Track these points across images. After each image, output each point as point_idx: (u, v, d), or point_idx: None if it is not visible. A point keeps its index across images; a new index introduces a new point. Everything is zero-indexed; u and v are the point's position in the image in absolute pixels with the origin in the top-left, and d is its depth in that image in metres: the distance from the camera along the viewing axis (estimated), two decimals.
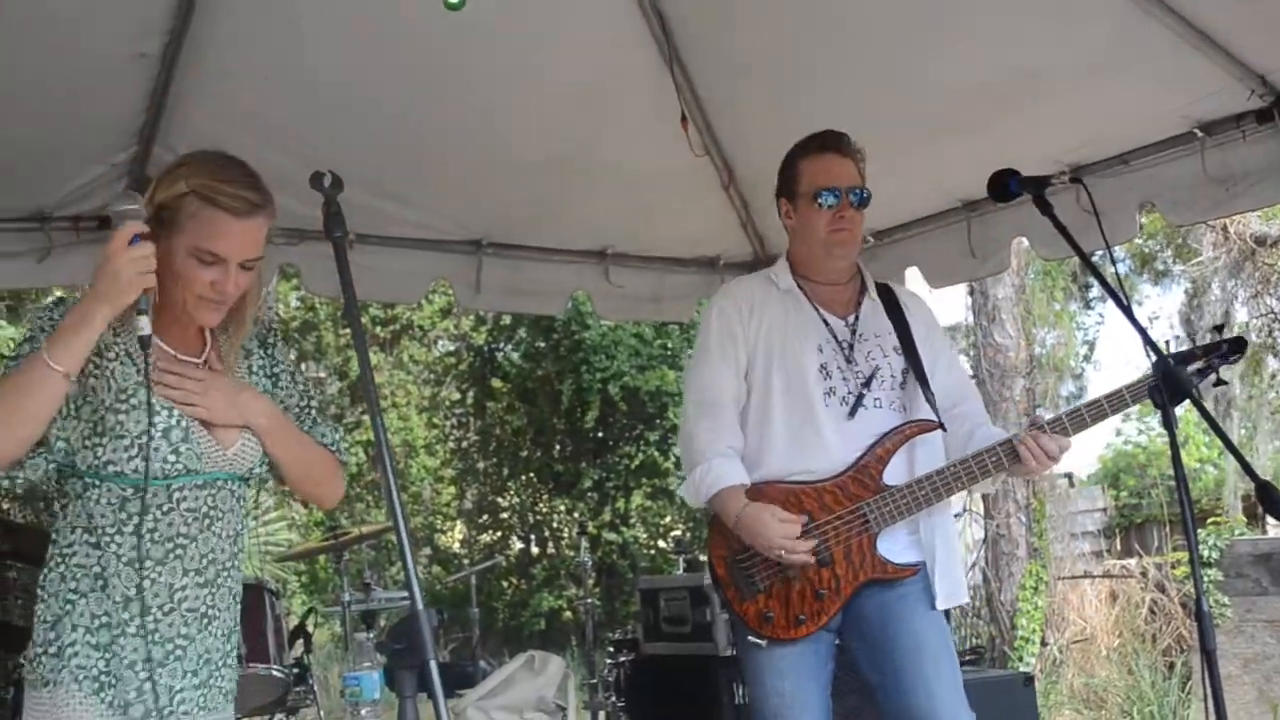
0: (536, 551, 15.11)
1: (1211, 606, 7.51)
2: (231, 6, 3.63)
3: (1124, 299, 2.84)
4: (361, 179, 3.34)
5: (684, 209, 5.04)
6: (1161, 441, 14.45)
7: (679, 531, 13.76)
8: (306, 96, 3.98)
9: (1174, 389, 2.73)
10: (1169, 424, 2.72)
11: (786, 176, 3.40)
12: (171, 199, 2.30)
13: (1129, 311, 2.79)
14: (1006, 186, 2.99)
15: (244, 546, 2.55)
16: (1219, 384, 3.15)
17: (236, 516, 2.48)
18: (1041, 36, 3.77)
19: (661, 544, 14.22)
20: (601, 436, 14.39)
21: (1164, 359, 2.78)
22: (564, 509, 14.74)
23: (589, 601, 7.21)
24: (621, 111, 4.43)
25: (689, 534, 12.61)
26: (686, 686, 4.86)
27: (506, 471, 15.25)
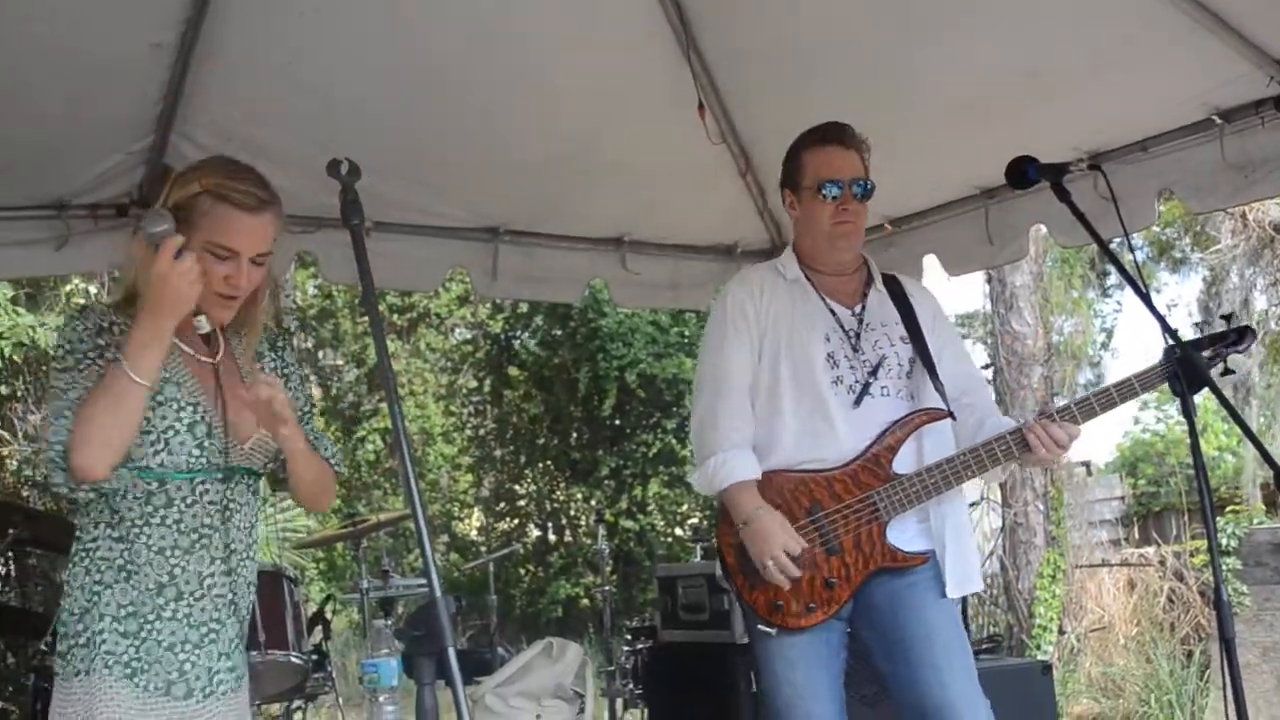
0: (554, 539, 15.10)
1: (1230, 595, 7.46)
2: None
3: (1142, 286, 2.83)
4: (379, 167, 3.34)
5: (701, 196, 5.04)
6: (1180, 429, 14.42)
7: (696, 519, 13.77)
8: (323, 85, 3.98)
9: (1192, 377, 2.72)
10: (1188, 412, 2.71)
11: (790, 168, 3.40)
12: (186, 199, 2.41)
13: (1147, 299, 2.77)
14: (1025, 173, 2.97)
15: (259, 537, 2.68)
16: (1226, 373, 3.14)
17: (252, 509, 2.61)
18: (1061, 23, 3.76)
19: (679, 531, 14.20)
20: (619, 424, 14.38)
21: (1182, 346, 2.76)
22: (581, 496, 14.74)
23: (606, 589, 7.20)
24: (638, 100, 4.42)
25: (706, 522, 12.59)
26: (704, 674, 4.86)
27: (524, 459, 15.25)
